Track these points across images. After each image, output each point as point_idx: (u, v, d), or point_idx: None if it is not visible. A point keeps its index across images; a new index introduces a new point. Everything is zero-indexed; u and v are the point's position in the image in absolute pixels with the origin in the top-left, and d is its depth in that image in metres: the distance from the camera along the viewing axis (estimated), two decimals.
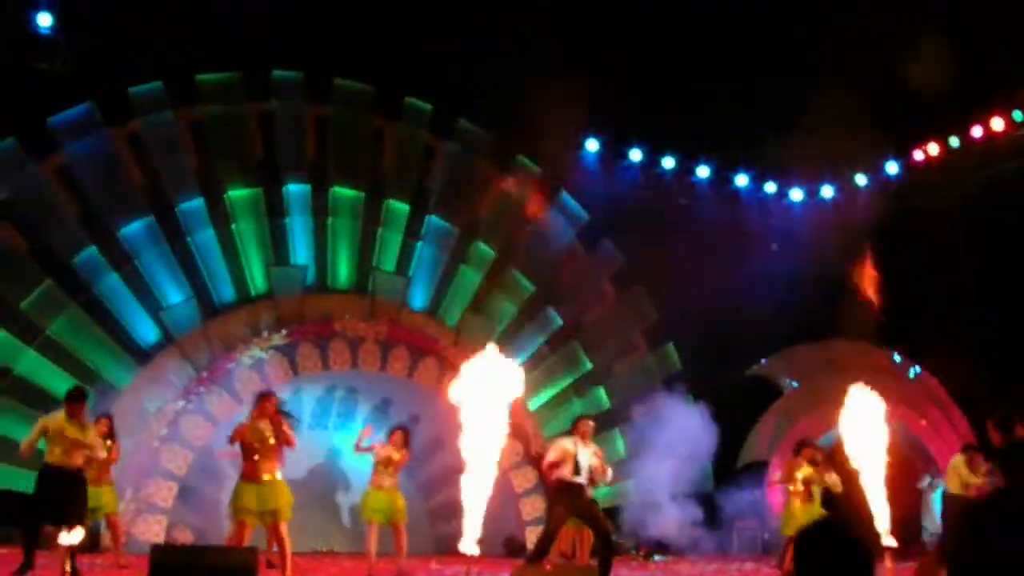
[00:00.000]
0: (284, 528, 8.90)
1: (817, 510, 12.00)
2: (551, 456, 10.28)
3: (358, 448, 11.25)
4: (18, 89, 13.95)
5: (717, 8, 17.86)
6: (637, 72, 17.51)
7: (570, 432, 10.54)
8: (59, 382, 13.04)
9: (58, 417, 9.23)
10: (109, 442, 10.35)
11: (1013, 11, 15.69)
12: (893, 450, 10.91)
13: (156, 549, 7.39)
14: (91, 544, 11.39)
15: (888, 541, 10.13)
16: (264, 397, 9.13)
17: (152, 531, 12.51)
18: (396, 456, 10.95)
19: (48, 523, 9.17)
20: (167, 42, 14.81)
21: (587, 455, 10.04)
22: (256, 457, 8.77)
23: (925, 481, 16.52)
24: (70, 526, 8.86)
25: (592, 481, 10.19)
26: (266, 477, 8.81)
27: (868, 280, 17.44)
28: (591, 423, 10.42)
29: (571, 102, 17.40)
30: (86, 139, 14.16)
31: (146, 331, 14.16)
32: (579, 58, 16.75)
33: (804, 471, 11.99)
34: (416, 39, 16.86)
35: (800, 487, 11.93)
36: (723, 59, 17.54)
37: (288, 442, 8.93)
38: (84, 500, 9.21)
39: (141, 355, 13.96)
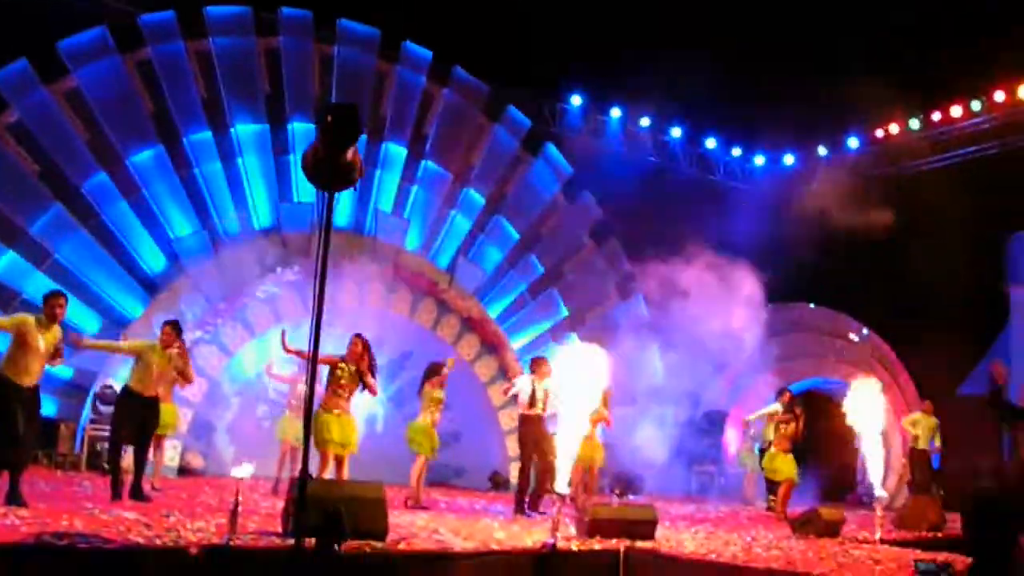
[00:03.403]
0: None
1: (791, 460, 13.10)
2: (511, 391, 11.36)
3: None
4: (29, 12, 13.79)
5: None
6: (621, 32, 18.15)
7: (530, 371, 11.40)
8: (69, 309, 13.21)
9: (153, 345, 9.43)
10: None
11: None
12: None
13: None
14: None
15: (880, 492, 11.03)
16: (356, 337, 9.55)
17: (167, 455, 12.73)
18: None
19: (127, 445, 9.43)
20: None
21: (542, 390, 10.95)
22: (340, 391, 9.32)
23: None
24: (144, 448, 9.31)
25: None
26: (342, 410, 9.38)
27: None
28: (548, 362, 11.17)
29: (558, 56, 18.00)
30: (96, 64, 14.14)
31: (154, 261, 14.32)
32: (571, 17, 17.37)
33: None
34: None
35: (783, 432, 13.03)
36: (704, 31, 18.27)
37: (371, 390, 9.50)
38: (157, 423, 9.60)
39: (150, 285, 14.12)
